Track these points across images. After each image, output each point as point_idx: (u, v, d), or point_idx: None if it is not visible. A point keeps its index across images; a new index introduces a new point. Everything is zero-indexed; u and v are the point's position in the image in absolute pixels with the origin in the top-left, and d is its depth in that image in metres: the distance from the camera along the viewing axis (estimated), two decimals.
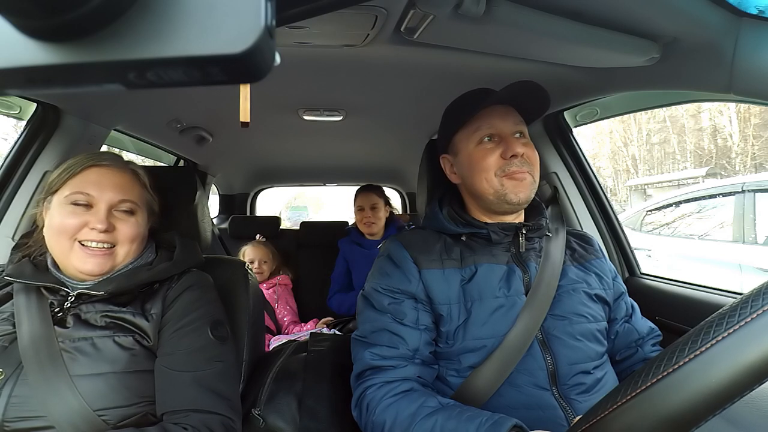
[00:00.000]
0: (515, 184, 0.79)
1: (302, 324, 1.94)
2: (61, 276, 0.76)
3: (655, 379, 0.39)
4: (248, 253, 2.01)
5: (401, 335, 0.75)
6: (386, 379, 0.73)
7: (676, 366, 0.39)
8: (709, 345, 0.38)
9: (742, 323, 0.37)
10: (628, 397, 0.41)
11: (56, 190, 0.75)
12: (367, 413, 0.71)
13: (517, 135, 0.82)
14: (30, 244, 0.80)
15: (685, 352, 0.39)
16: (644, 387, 0.40)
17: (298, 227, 2.56)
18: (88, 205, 0.74)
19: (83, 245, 0.73)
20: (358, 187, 2.11)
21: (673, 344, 0.41)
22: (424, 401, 0.67)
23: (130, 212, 0.78)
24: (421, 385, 0.73)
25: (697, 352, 0.38)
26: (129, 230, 0.77)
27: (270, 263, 2.04)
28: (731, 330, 0.37)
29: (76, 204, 0.73)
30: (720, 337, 0.38)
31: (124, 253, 0.77)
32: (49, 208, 0.76)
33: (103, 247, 0.74)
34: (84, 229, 0.73)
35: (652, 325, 0.89)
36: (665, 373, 0.39)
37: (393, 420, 0.67)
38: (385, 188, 2.16)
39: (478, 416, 0.61)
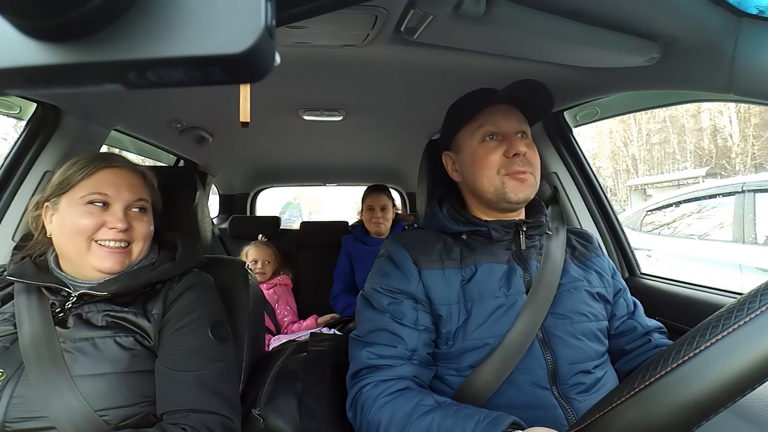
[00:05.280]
0: (516, 185, 0.79)
1: (300, 321, 1.94)
2: (63, 276, 0.76)
3: (652, 380, 0.39)
4: (251, 254, 2.02)
5: (400, 335, 0.75)
6: (382, 377, 0.72)
7: (673, 367, 0.39)
8: (705, 346, 0.38)
9: (738, 325, 0.37)
10: (626, 397, 0.41)
11: (66, 192, 0.75)
12: (362, 413, 0.71)
13: (520, 135, 0.82)
14: (30, 246, 0.80)
15: (681, 354, 0.39)
16: (642, 387, 0.40)
17: (290, 227, 2.56)
18: (105, 205, 0.75)
19: (101, 245, 0.74)
20: (365, 186, 2.12)
21: (671, 346, 0.41)
22: (420, 399, 0.67)
23: (143, 210, 0.80)
24: (417, 384, 0.73)
25: (693, 354, 0.38)
26: (143, 228, 0.79)
27: (272, 263, 2.04)
28: (727, 332, 0.37)
29: (92, 204, 0.74)
30: (716, 339, 0.38)
31: (138, 250, 0.79)
32: (56, 210, 0.75)
33: (121, 246, 0.75)
34: (102, 229, 0.74)
35: (657, 323, 0.89)
36: (663, 374, 0.39)
37: (389, 419, 0.66)
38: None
39: (476, 414, 0.61)
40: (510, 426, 0.58)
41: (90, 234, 0.73)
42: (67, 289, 0.74)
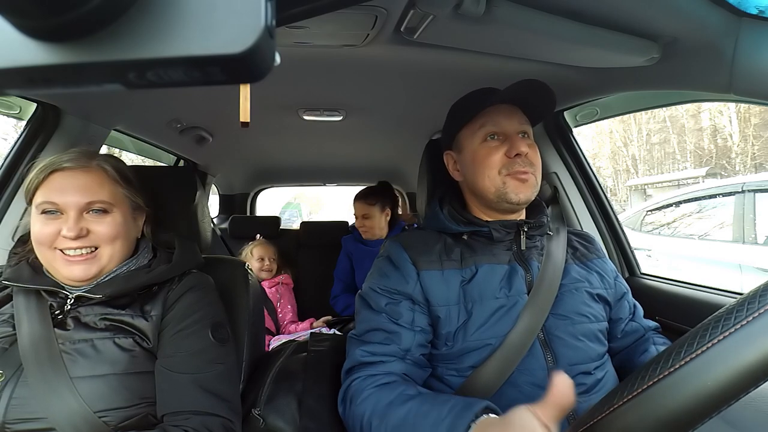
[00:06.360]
0: (517, 185, 0.79)
1: (298, 323, 1.94)
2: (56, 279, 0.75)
3: (651, 382, 0.39)
4: (257, 251, 2.02)
5: (395, 334, 0.76)
6: (371, 372, 0.73)
7: (672, 369, 0.39)
8: (704, 348, 0.38)
9: (738, 326, 0.37)
10: (625, 399, 0.41)
11: (31, 199, 0.73)
12: (350, 405, 0.71)
13: (522, 135, 0.82)
14: (28, 250, 0.79)
15: (680, 355, 0.39)
16: (641, 390, 0.40)
17: (290, 227, 2.56)
18: (59, 212, 0.71)
19: (64, 253, 0.71)
20: (358, 187, 2.10)
21: (669, 347, 0.42)
22: (403, 390, 0.67)
23: (103, 211, 0.74)
24: (404, 380, 0.73)
25: (693, 356, 0.38)
26: (106, 230, 0.74)
27: (277, 261, 2.06)
28: (727, 333, 0.38)
29: (46, 213, 0.71)
30: (716, 340, 0.38)
31: (109, 254, 0.75)
32: (31, 216, 0.74)
33: (83, 253, 0.72)
34: (59, 238, 0.70)
35: (654, 323, 0.90)
36: (661, 376, 0.39)
37: (372, 410, 0.66)
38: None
39: (451, 399, 0.61)
40: (483, 410, 0.57)
41: (50, 243, 0.71)
42: (64, 292, 0.74)
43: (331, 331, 1.74)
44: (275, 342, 1.69)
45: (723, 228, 3.69)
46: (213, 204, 2.69)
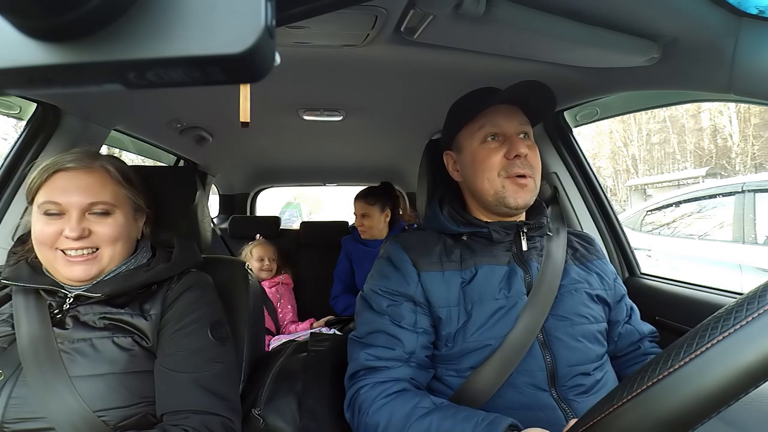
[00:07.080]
0: (516, 189, 0.78)
1: (298, 323, 1.94)
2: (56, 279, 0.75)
3: (651, 383, 0.40)
4: (257, 252, 2.02)
5: (398, 337, 0.75)
6: (379, 379, 0.73)
7: (672, 369, 0.39)
8: (704, 348, 0.38)
9: (737, 327, 0.37)
10: (624, 400, 0.41)
11: (32, 199, 0.73)
12: (359, 414, 0.71)
13: (522, 136, 0.81)
14: (27, 249, 0.79)
15: (680, 356, 0.39)
16: (640, 390, 0.40)
17: (290, 227, 2.57)
18: (61, 213, 0.71)
19: (65, 253, 0.71)
20: (358, 187, 2.10)
21: (669, 347, 0.42)
22: (418, 402, 0.67)
23: (106, 213, 0.74)
24: (414, 387, 0.73)
25: (692, 356, 0.38)
26: (107, 231, 0.74)
27: (276, 261, 2.06)
28: (726, 334, 0.38)
29: (48, 213, 0.71)
30: (715, 341, 0.38)
31: (110, 255, 0.75)
32: (32, 216, 0.74)
33: (84, 253, 0.72)
34: (61, 238, 0.70)
35: (651, 327, 0.90)
36: (661, 377, 0.39)
37: (387, 421, 0.66)
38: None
39: (474, 416, 0.61)
40: (508, 428, 0.58)
41: (51, 243, 0.71)
42: (63, 291, 0.74)
43: (331, 331, 1.74)
44: (275, 342, 1.69)
45: (723, 228, 3.69)
46: (213, 204, 2.69)
